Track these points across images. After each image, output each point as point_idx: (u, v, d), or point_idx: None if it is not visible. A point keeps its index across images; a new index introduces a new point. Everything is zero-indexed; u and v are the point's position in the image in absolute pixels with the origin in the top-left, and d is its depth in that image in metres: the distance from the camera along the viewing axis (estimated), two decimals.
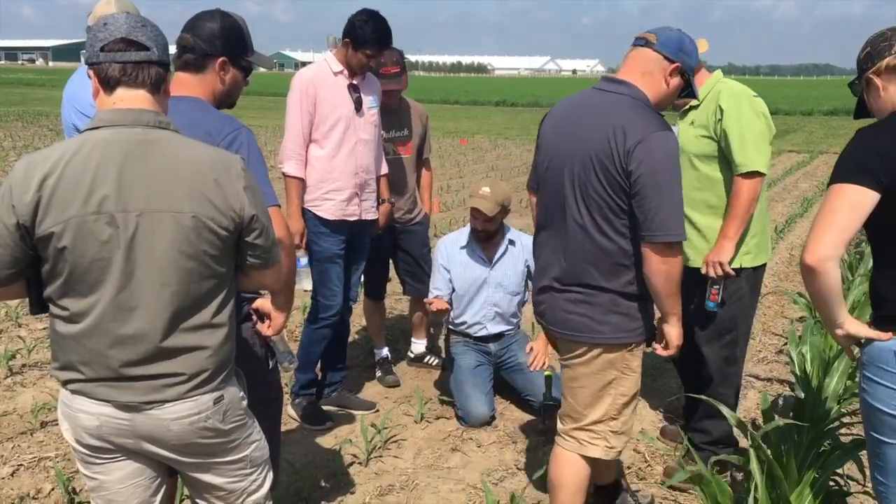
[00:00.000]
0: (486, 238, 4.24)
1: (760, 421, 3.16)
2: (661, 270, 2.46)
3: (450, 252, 4.32)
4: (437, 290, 4.27)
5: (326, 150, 3.88)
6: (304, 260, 3.95)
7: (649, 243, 2.44)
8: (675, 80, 2.59)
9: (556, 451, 2.81)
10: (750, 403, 4.41)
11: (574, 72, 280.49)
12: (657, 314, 2.64)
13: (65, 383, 1.91)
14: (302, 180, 3.87)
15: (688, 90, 2.64)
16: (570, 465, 2.75)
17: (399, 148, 4.52)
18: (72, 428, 1.95)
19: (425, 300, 4.32)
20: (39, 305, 1.92)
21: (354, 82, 3.93)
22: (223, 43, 2.38)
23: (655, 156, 2.39)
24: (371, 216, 4.10)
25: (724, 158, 3.31)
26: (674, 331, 2.61)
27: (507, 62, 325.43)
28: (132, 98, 1.87)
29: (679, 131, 3.49)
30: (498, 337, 4.36)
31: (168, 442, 1.95)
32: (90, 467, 2.00)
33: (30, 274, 1.88)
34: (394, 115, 4.47)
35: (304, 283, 3.95)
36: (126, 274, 1.82)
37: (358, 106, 3.91)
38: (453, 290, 4.32)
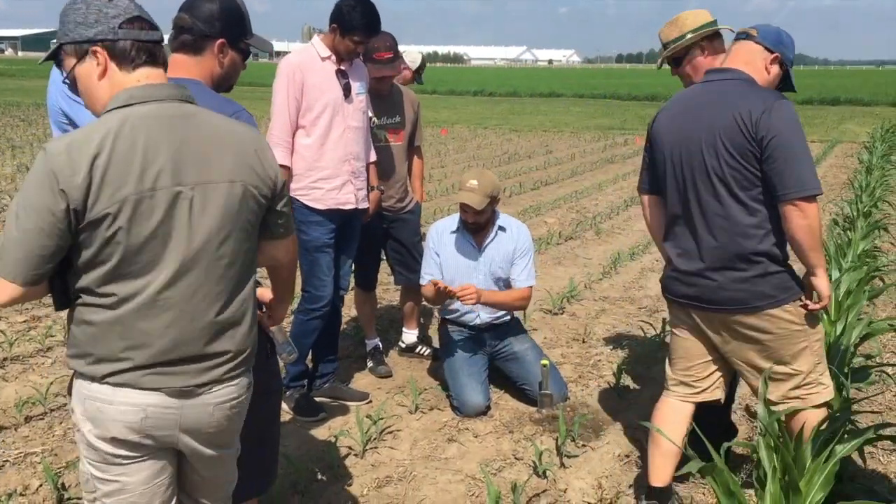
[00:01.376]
0: (477, 228, 4.18)
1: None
2: (802, 226, 2.60)
3: (441, 238, 4.25)
4: (430, 275, 4.19)
5: (314, 138, 3.79)
6: None
7: (788, 202, 2.60)
8: (775, 69, 2.81)
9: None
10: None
11: (550, 62, 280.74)
12: None
13: (102, 378, 1.80)
14: (288, 169, 3.78)
15: (786, 82, 2.88)
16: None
17: (391, 135, 4.44)
18: (103, 426, 1.83)
19: (421, 285, 4.25)
20: (64, 300, 1.82)
21: (342, 68, 3.84)
22: (222, 24, 2.30)
23: (781, 120, 2.59)
24: (364, 205, 4.03)
25: None
26: (822, 283, 2.72)
27: (484, 52, 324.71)
28: (157, 75, 1.83)
29: None
30: (493, 327, 4.29)
31: (205, 431, 1.92)
32: (110, 470, 1.88)
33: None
34: (386, 101, 4.40)
35: None
36: (185, 249, 1.78)
37: (346, 92, 3.83)
38: (443, 277, 4.26)
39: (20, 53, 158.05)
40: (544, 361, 4.06)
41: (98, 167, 1.67)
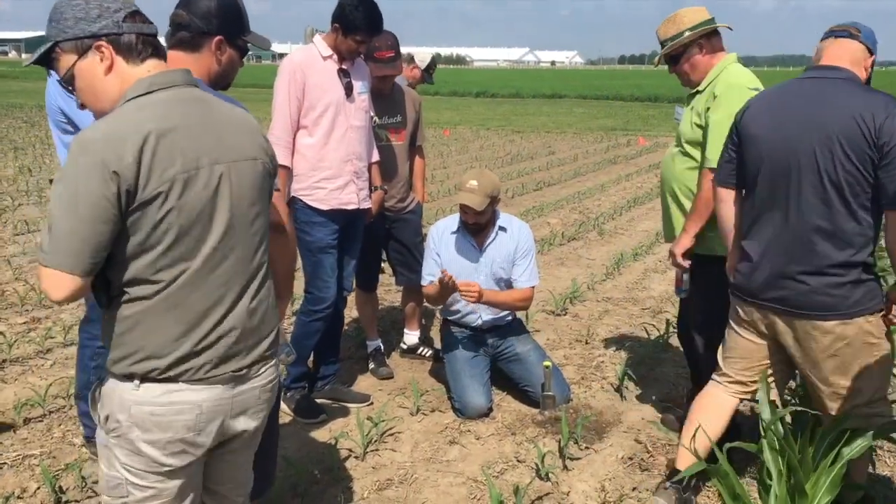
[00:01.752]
0: (478, 230, 4.14)
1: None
2: None
3: (441, 238, 4.21)
4: (431, 275, 4.15)
5: (316, 138, 3.76)
6: None
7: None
8: (867, 73, 2.77)
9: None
10: None
11: (553, 63, 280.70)
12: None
13: (155, 375, 1.78)
14: (288, 169, 3.75)
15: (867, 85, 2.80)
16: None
17: (392, 135, 4.41)
18: (158, 430, 1.80)
19: (423, 286, 4.22)
20: (107, 297, 1.79)
21: (344, 67, 3.81)
22: (220, 21, 2.27)
23: None
24: (366, 204, 4.00)
25: None
26: None
27: (486, 53, 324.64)
28: (164, 66, 1.85)
29: (683, 115, 3.43)
30: (494, 328, 4.25)
31: (251, 414, 1.96)
32: (150, 477, 1.84)
33: None
34: (387, 101, 4.36)
35: None
36: (227, 226, 1.81)
37: (348, 91, 3.79)
38: None
39: (23, 55, 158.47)
40: (546, 363, 4.02)
41: (148, 148, 1.67)
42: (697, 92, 3.39)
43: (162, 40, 2.04)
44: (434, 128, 20.43)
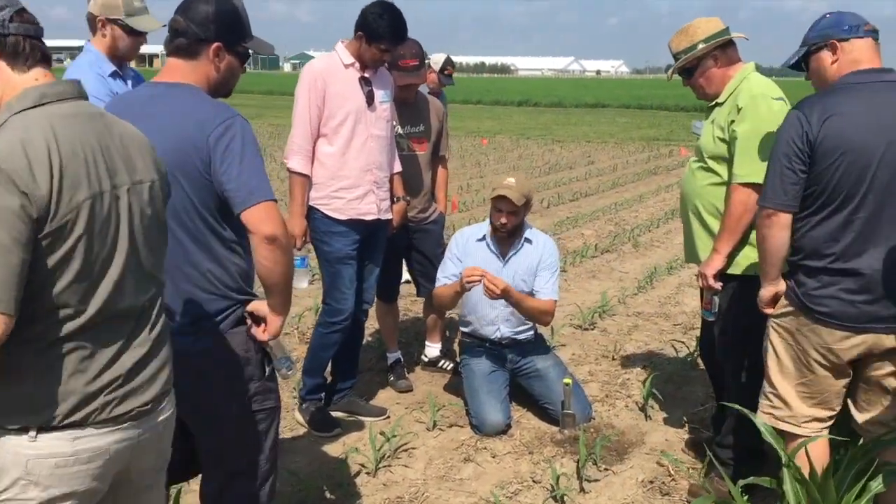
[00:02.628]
0: (509, 235, 4.02)
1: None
2: None
3: (465, 244, 4.11)
4: (447, 277, 4.04)
5: (336, 147, 3.70)
6: (303, 260, 3.80)
7: None
8: None
9: None
10: None
11: (598, 72, 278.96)
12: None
13: (56, 423, 1.59)
14: (308, 177, 3.71)
15: None
16: None
17: (414, 144, 4.35)
18: (60, 484, 1.61)
19: (435, 287, 4.11)
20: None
21: (366, 75, 3.75)
22: (217, 28, 2.21)
23: None
24: (387, 215, 3.93)
25: None
26: None
27: (531, 63, 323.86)
28: (51, 76, 1.68)
29: (703, 129, 3.29)
30: (515, 343, 4.14)
31: (150, 455, 1.83)
32: None
33: None
34: (410, 110, 4.30)
35: (301, 283, 3.81)
36: (128, 254, 1.69)
37: (370, 100, 3.73)
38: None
39: None
40: (567, 380, 3.91)
41: (55, 168, 1.53)
42: (717, 104, 3.25)
43: (161, 47, 1.98)
44: (473, 137, 20.41)
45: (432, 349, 4.80)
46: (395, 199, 4.05)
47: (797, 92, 3.66)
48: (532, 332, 4.22)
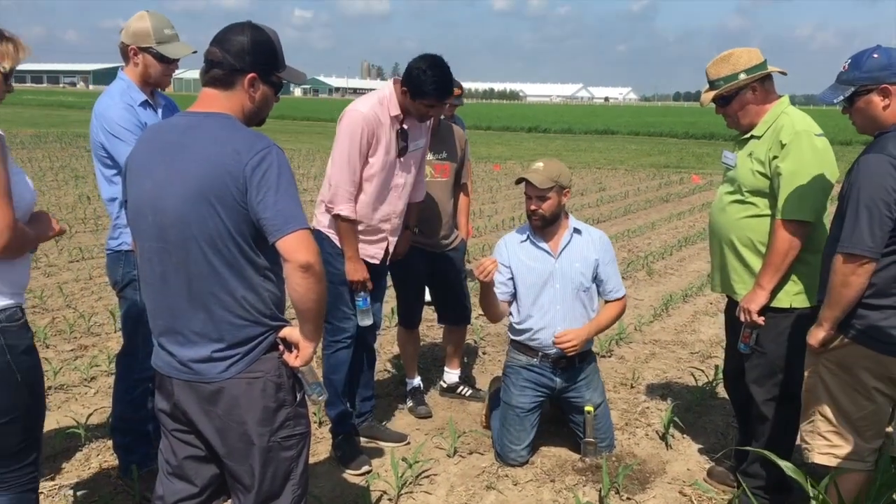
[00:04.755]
0: (543, 224, 3.81)
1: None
2: None
3: (511, 249, 3.91)
4: (496, 287, 3.84)
5: (364, 198, 3.69)
6: (366, 300, 3.78)
7: None
8: None
9: None
10: None
11: (606, 99, 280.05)
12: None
13: None
14: (354, 222, 3.69)
15: None
16: None
17: (436, 171, 4.37)
18: None
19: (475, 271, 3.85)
20: None
21: (405, 127, 3.73)
22: (253, 59, 2.24)
23: None
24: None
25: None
26: None
27: (540, 89, 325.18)
28: None
29: (737, 162, 3.28)
30: (568, 364, 3.88)
31: None
32: None
33: None
34: (434, 137, 4.31)
35: (364, 321, 3.81)
36: None
37: (401, 153, 3.75)
38: (514, 291, 3.90)
39: (91, 87, 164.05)
40: (589, 408, 3.87)
41: None
42: (753, 136, 3.23)
43: (196, 74, 1.99)
44: (485, 163, 20.46)
45: (451, 375, 4.80)
46: (405, 227, 4.05)
47: None
48: (590, 345, 4.00)
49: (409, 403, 4.57)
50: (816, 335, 2.77)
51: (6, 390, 2.32)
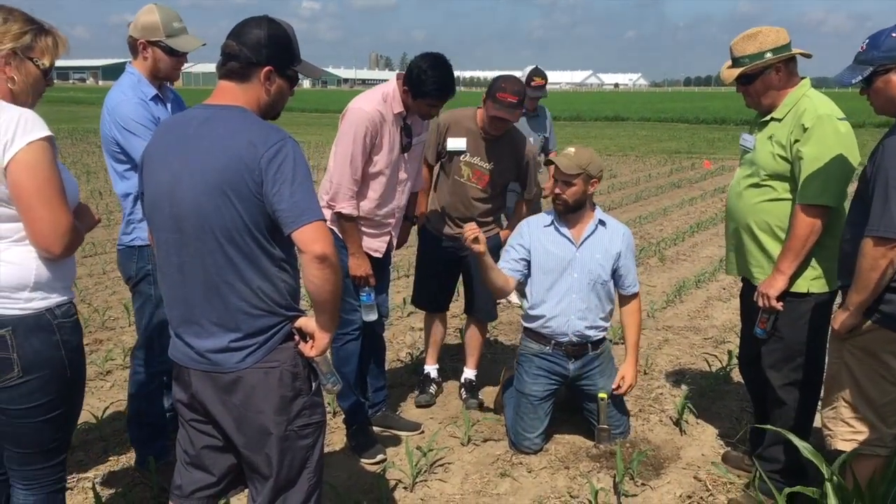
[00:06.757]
0: (566, 209, 3.82)
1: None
2: None
3: (533, 230, 3.90)
4: (506, 262, 3.87)
5: (372, 194, 3.69)
6: (370, 295, 3.79)
7: None
8: None
9: None
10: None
11: (616, 85, 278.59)
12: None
13: None
14: (355, 219, 3.69)
15: None
16: None
17: (475, 175, 4.25)
18: None
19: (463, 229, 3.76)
20: None
21: (409, 122, 3.72)
22: (269, 52, 2.25)
23: None
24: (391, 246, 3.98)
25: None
26: None
27: (549, 77, 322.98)
28: None
29: (756, 144, 3.26)
30: (581, 351, 3.89)
31: None
32: None
33: None
34: (491, 143, 4.19)
35: (368, 316, 3.82)
36: None
37: (405, 149, 3.74)
38: (528, 275, 3.90)
39: (100, 82, 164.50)
40: (602, 395, 3.88)
41: None
42: (773, 119, 3.19)
43: (212, 67, 2.02)
44: None
45: (469, 374, 4.66)
46: (408, 218, 4.05)
47: None
48: (603, 333, 3.99)
49: (417, 392, 4.57)
50: (842, 320, 2.71)
51: (57, 386, 2.32)
